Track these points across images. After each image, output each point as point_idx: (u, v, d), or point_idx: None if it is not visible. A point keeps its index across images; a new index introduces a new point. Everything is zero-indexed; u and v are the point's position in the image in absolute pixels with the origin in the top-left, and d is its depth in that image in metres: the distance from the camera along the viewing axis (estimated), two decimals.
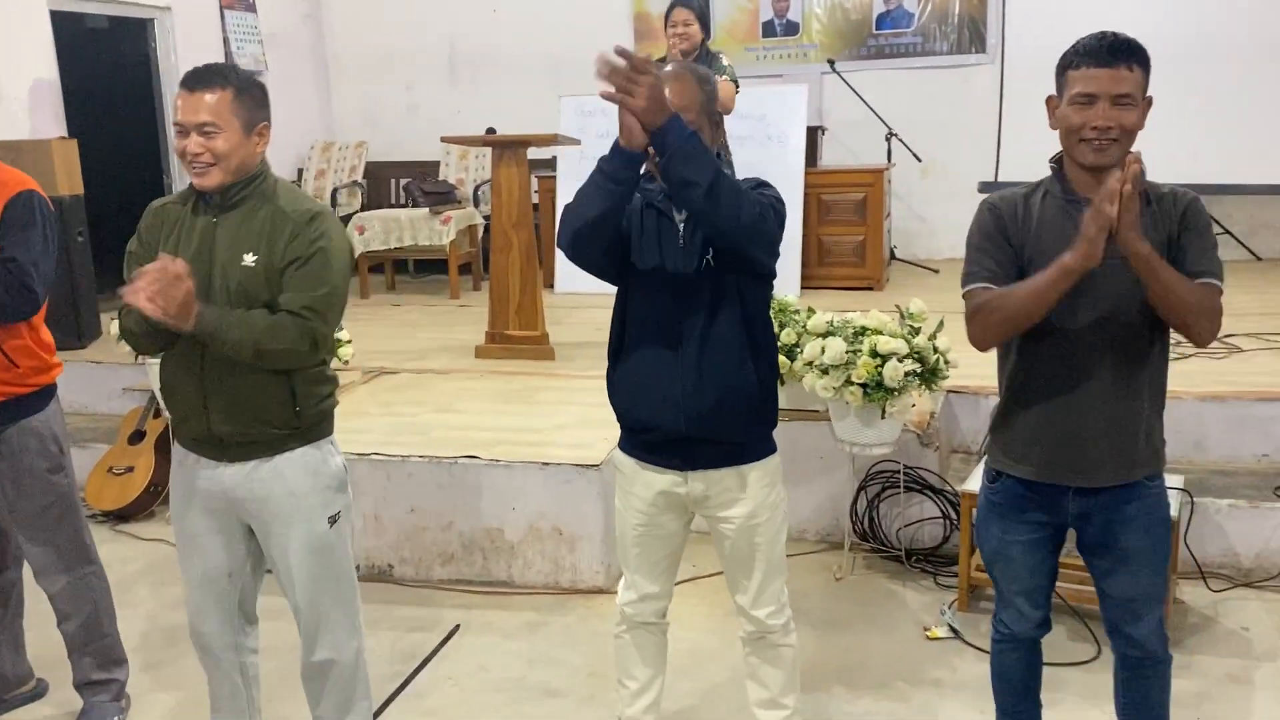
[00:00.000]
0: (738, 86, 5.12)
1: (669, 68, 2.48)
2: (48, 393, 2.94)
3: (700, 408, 2.46)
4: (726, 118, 4.24)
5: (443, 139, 5.72)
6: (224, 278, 2.39)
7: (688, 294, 2.46)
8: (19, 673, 3.24)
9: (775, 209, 2.43)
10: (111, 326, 4.19)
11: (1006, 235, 2.32)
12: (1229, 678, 3.17)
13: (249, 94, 2.41)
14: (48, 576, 3.02)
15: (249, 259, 2.36)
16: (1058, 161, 2.32)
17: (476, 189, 8.03)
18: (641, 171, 2.44)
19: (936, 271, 7.42)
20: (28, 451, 2.89)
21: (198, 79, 2.38)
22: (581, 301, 6.30)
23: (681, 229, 2.46)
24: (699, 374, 2.46)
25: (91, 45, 7.95)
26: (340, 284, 2.45)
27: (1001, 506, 2.49)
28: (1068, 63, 2.25)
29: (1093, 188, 2.23)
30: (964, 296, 2.37)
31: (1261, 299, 5.82)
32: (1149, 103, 2.22)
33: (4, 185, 2.76)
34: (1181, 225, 2.27)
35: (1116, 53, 2.18)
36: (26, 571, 3.15)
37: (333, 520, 2.57)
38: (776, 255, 2.48)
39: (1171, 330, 2.34)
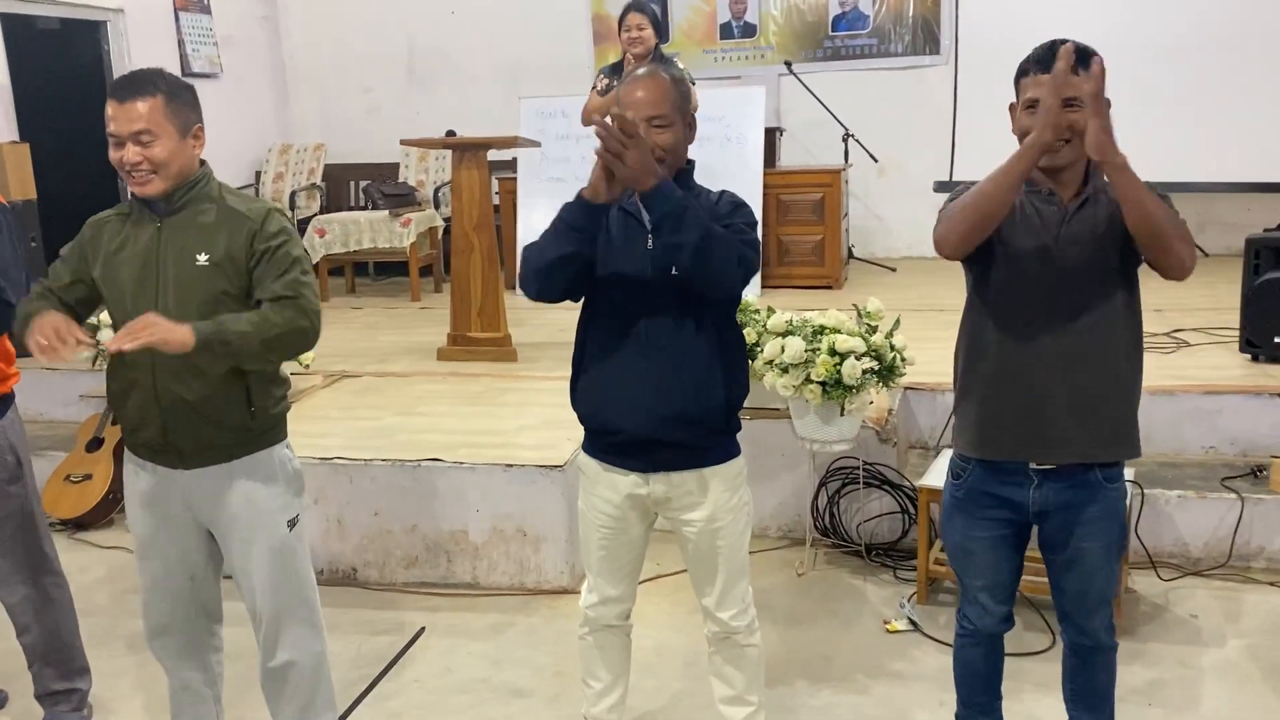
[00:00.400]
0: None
1: (642, 69, 2.48)
2: (4, 402, 2.88)
3: (666, 411, 2.46)
4: None
5: (402, 142, 5.67)
6: (175, 280, 2.38)
7: (655, 298, 2.45)
8: None
9: (756, 245, 2.44)
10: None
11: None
12: (1179, 664, 3.25)
13: (179, 98, 2.40)
14: (6, 587, 2.97)
15: (201, 259, 2.35)
16: None
17: (437, 191, 7.96)
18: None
19: (894, 270, 7.49)
20: None
21: (127, 88, 2.36)
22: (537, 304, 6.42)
23: (650, 234, 2.44)
24: (665, 378, 2.46)
25: (42, 48, 7.77)
26: (309, 267, 2.46)
27: (965, 503, 2.53)
28: (1022, 71, 2.32)
29: (1054, 184, 2.29)
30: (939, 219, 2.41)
31: (1209, 294, 5.90)
32: (1107, 105, 2.27)
33: None
34: None
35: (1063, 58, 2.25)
36: None
37: (291, 523, 2.57)
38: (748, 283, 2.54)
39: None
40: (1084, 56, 2.26)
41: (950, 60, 7.42)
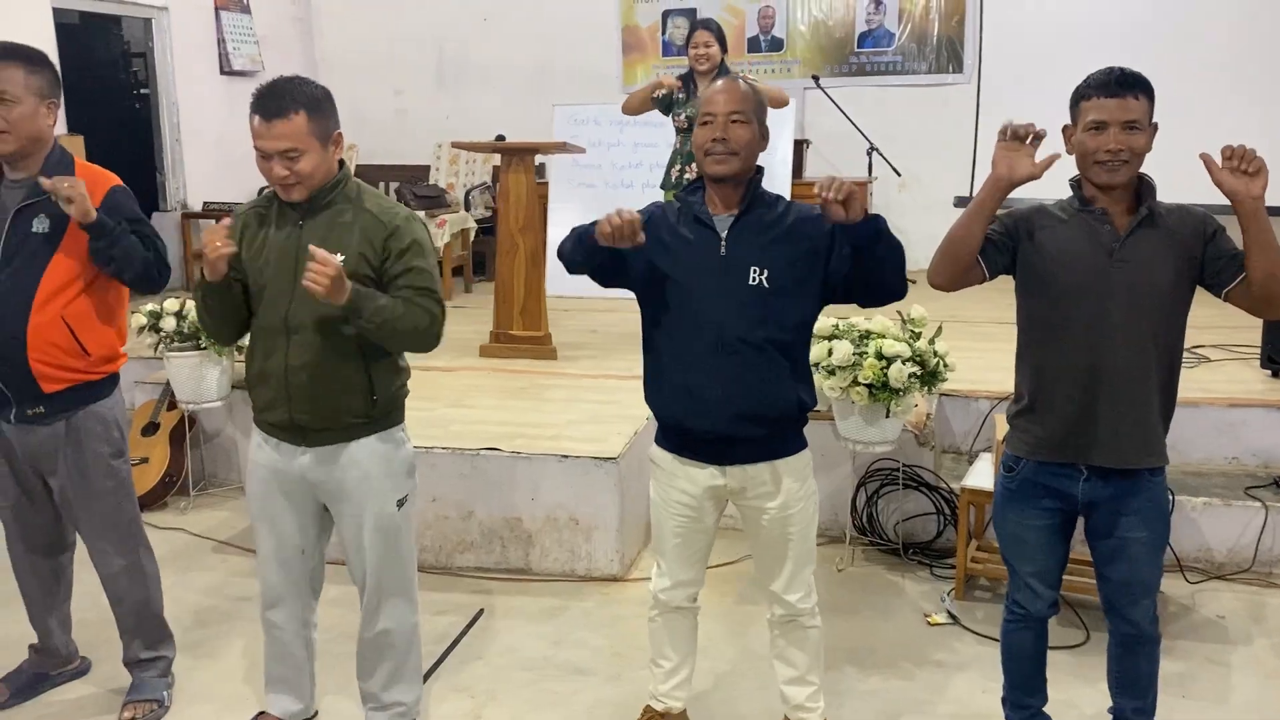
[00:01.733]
0: None
1: (722, 81, 2.58)
2: (113, 380, 2.99)
3: (741, 410, 2.52)
4: None
5: (454, 144, 5.81)
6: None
7: (727, 302, 2.51)
8: (68, 651, 3.30)
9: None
10: (132, 320, 4.29)
11: (1012, 218, 2.45)
12: (1208, 660, 3.37)
13: (320, 110, 2.47)
14: (104, 559, 3.06)
15: (338, 259, 2.42)
16: (1077, 182, 2.49)
17: (468, 194, 8.08)
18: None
19: (913, 282, 7.68)
20: (93, 436, 2.93)
21: (272, 107, 2.40)
22: (573, 304, 6.44)
23: (725, 241, 2.51)
24: (737, 379, 2.51)
25: (85, 41, 7.88)
26: (439, 277, 2.58)
27: (1017, 494, 2.63)
28: (1081, 94, 2.43)
29: (1107, 202, 2.41)
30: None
31: (1223, 312, 5.98)
32: (1155, 128, 2.40)
33: (96, 182, 2.79)
34: (1205, 232, 2.38)
35: (1124, 84, 2.36)
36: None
37: (400, 503, 2.68)
38: None
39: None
40: (1137, 82, 2.35)
41: (973, 79, 7.61)
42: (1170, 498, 4.00)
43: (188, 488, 4.79)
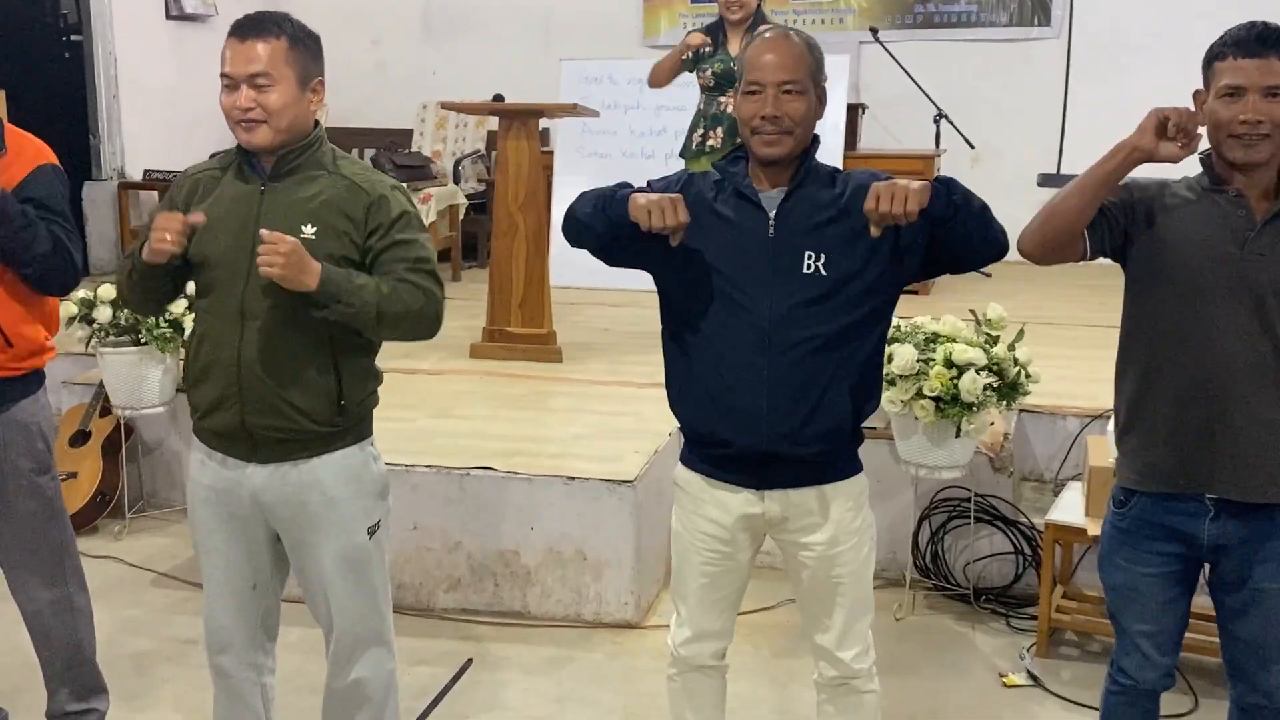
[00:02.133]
0: None
1: (770, 31, 2.62)
2: (38, 379, 3.02)
3: (785, 424, 2.54)
4: None
5: (442, 105, 5.90)
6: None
7: (773, 288, 2.54)
8: None
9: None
10: (61, 309, 4.38)
11: (1131, 193, 2.49)
12: None
13: (304, 45, 2.56)
14: (26, 593, 3.10)
15: (308, 230, 2.48)
16: (1208, 157, 2.50)
17: (457, 163, 8.20)
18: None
19: (989, 275, 7.51)
20: (12, 448, 2.97)
21: (250, 27, 2.52)
22: (581, 297, 6.52)
23: (774, 221, 2.56)
24: (786, 385, 2.55)
25: None
26: (435, 257, 2.64)
27: (1130, 534, 2.62)
28: (1214, 54, 2.43)
29: (1244, 183, 2.42)
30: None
31: None
32: None
33: (23, 153, 2.85)
34: None
35: (1266, 42, 2.35)
36: None
37: (372, 530, 2.72)
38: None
39: None
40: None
41: (1063, 34, 7.65)
42: None
43: (123, 509, 4.86)
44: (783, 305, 2.55)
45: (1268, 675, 2.60)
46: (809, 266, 2.53)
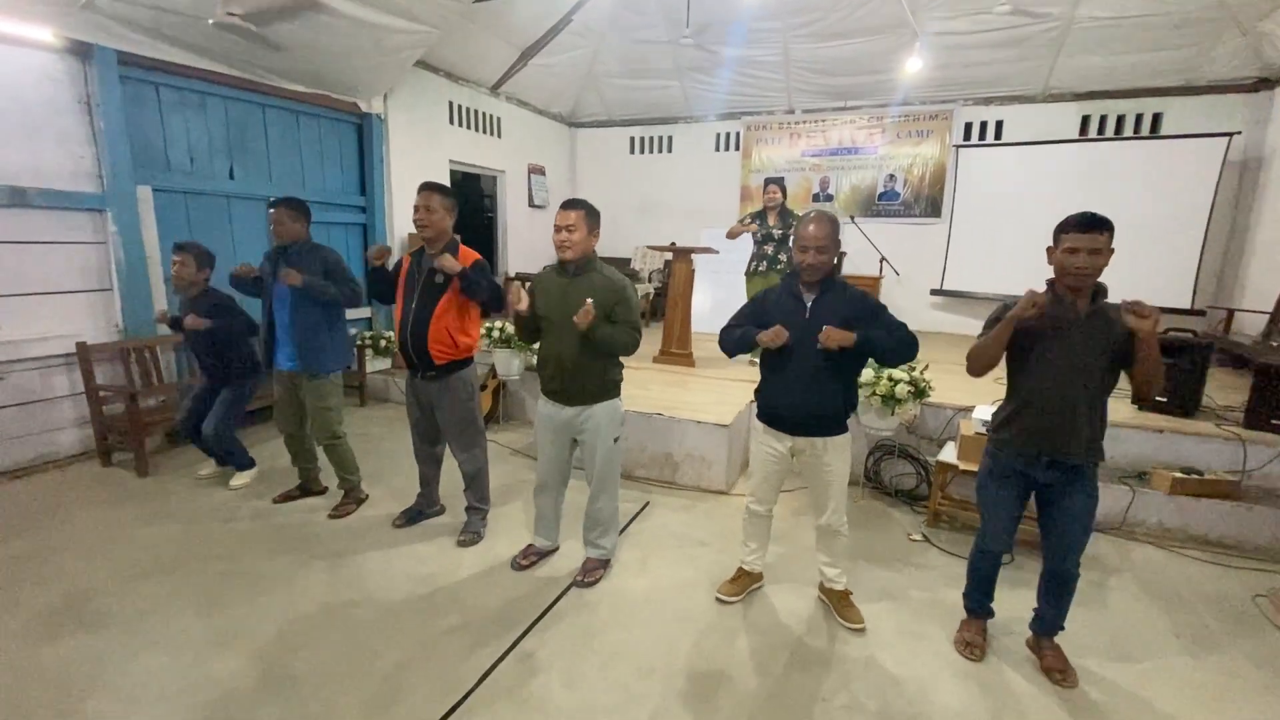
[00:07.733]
0: None
1: (814, 212, 3.07)
2: (469, 361, 3.73)
3: (806, 409, 3.02)
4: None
5: (649, 247, 7.68)
6: (573, 313, 3.02)
7: (803, 345, 3.02)
8: (436, 499, 4.19)
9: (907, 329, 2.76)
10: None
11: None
12: (1090, 584, 3.67)
13: (592, 216, 3.08)
14: (466, 453, 3.79)
15: (589, 303, 3.03)
16: (1050, 283, 2.78)
17: (651, 273, 9.91)
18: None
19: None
20: (461, 388, 3.69)
21: (571, 205, 3.08)
22: (707, 337, 7.73)
23: (809, 309, 2.97)
24: (806, 391, 3.04)
25: (464, 185, 10.05)
26: (640, 314, 3.07)
27: (995, 473, 2.94)
28: (1062, 228, 2.73)
29: (1074, 298, 2.67)
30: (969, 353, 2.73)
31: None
32: (1112, 253, 2.63)
33: (468, 256, 3.59)
34: (1121, 331, 2.63)
35: (1092, 224, 2.69)
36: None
37: (616, 439, 3.27)
38: None
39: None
40: (1103, 222, 2.66)
41: (947, 220, 9.35)
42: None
43: (498, 419, 6.01)
44: (809, 349, 2.99)
45: (1064, 557, 2.92)
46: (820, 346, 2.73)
